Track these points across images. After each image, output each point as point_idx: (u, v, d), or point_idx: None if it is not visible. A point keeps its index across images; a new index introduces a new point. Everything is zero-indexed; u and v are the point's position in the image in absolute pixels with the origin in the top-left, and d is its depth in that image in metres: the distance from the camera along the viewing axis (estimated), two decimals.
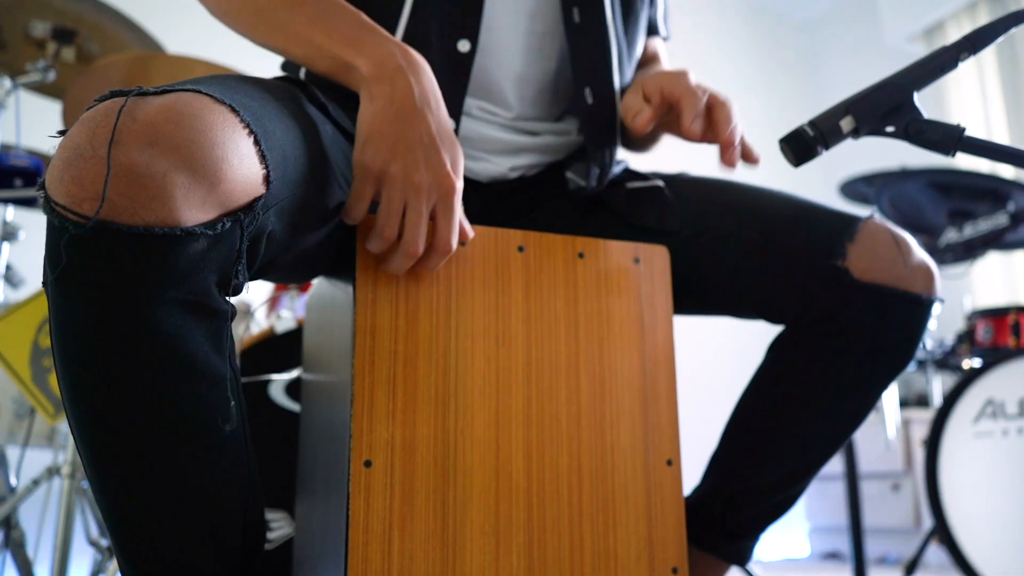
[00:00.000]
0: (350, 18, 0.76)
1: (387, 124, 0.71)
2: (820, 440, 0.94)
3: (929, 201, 2.15)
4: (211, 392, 0.60)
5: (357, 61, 0.73)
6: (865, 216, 0.91)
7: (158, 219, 0.53)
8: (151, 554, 0.63)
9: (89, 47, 1.85)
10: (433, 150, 0.71)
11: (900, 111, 0.81)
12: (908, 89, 0.81)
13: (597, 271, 0.86)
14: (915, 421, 3.13)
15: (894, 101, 0.81)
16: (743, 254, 0.90)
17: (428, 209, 0.71)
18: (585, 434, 0.81)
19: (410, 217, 0.70)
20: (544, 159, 1.00)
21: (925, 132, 0.80)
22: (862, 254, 0.87)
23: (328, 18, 0.75)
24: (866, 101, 0.81)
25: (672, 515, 0.83)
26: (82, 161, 0.52)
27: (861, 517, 2.12)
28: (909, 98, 0.81)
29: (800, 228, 0.89)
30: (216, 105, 0.57)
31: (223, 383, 0.61)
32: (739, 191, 0.95)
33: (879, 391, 0.92)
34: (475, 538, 0.75)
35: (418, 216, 0.70)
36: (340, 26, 0.75)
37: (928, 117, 0.80)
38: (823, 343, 0.90)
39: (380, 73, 0.72)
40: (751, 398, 0.97)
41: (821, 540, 3.48)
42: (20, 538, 1.58)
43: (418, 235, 0.70)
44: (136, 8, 1.86)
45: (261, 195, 0.60)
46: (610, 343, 0.84)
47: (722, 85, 1.08)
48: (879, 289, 0.87)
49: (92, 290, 0.54)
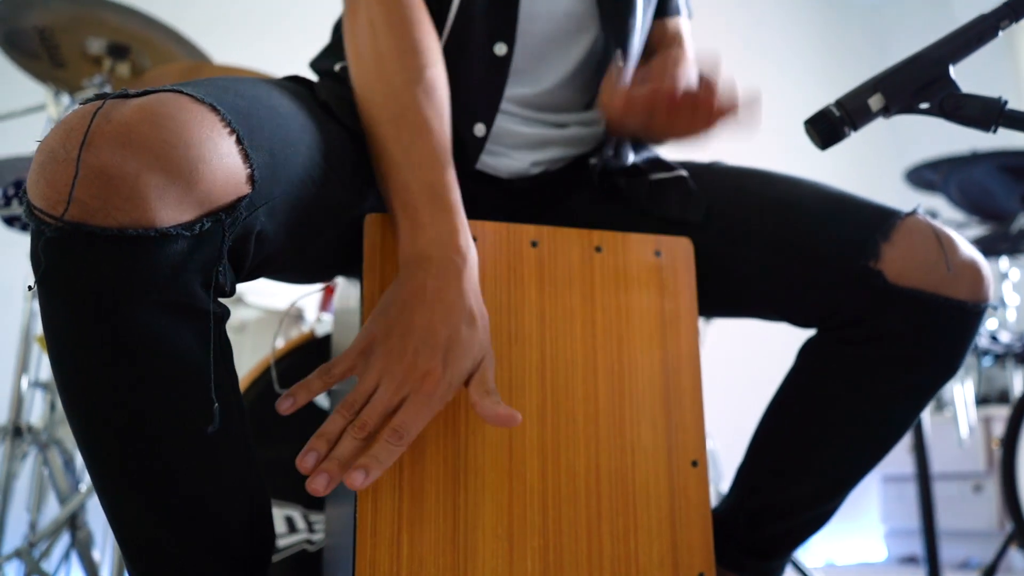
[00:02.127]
0: (428, 175, 0.72)
1: (392, 309, 0.68)
2: (853, 454, 0.86)
3: (1000, 186, 2.03)
4: (196, 395, 0.60)
5: (403, 235, 0.72)
6: (905, 211, 0.83)
7: (132, 220, 0.53)
8: (150, 557, 0.63)
9: (142, 61, 1.91)
10: (427, 344, 0.66)
11: (934, 86, 0.76)
12: (943, 62, 0.76)
13: (615, 265, 0.83)
14: (996, 419, 2.97)
15: (928, 76, 0.76)
16: (766, 252, 0.84)
17: (398, 399, 0.65)
18: (603, 434, 0.78)
19: (372, 400, 0.65)
20: (570, 152, 0.97)
21: (962, 107, 0.75)
22: (898, 255, 0.79)
23: (410, 163, 0.73)
24: (896, 77, 0.76)
25: (698, 518, 0.79)
26: (55, 164, 0.52)
27: (935, 519, 2.02)
28: (944, 72, 0.76)
29: (830, 224, 0.82)
30: (194, 104, 0.57)
31: (208, 386, 0.60)
32: (770, 182, 0.89)
33: (919, 404, 0.84)
34: (487, 541, 0.73)
35: (379, 401, 0.65)
36: (413, 181, 0.72)
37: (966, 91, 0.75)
38: (854, 350, 0.83)
39: (408, 261, 0.70)
40: (777, 406, 0.91)
41: (898, 544, 3.33)
42: (87, 539, 1.63)
43: (372, 419, 0.64)
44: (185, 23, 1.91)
45: (245, 195, 0.59)
46: (630, 340, 0.81)
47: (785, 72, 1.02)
48: (917, 295, 0.78)
49: (71, 292, 0.54)
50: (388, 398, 0.65)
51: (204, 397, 0.60)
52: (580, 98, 0.97)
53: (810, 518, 0.90)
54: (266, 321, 1.90)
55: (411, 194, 0.72)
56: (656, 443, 0.80)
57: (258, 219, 0.62)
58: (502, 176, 0.93)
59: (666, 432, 0.80)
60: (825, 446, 0.86)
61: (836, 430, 0.86)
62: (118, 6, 1.79)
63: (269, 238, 0.65)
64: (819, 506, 0.89)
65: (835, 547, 3.35)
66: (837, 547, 3.36)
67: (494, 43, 0.87)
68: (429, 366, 0.65)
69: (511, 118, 0.92)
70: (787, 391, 0.90)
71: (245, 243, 0.62)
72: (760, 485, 0.90)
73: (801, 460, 0.88)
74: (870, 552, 3.45)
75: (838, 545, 3.36)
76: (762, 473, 0.91)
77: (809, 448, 0.87)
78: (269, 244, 0.66)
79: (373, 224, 0.76)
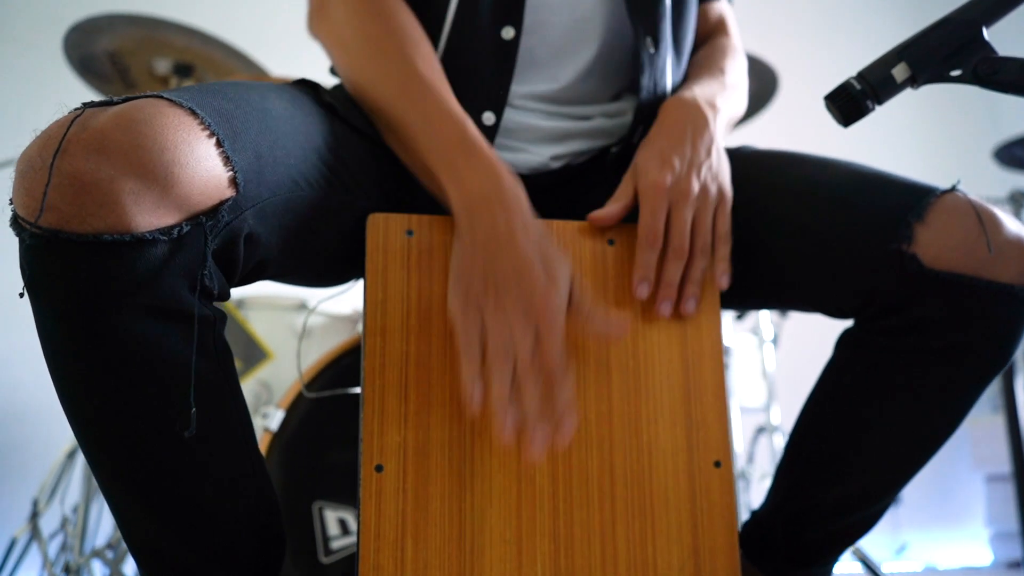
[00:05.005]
0: (453, 130, 0.74)
1: (475, 262, 0.69)
2: (897, 452, 0.79)
3: None
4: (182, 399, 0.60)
5: (449, 188, 0.73)
6: (943, 188, 0.76)
7: (107, 226, 0.54)
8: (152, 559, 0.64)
9: (205, 78, 1.98)
10: (526, 275, 0.68)
11: (967, 51, 0.70)
12: (976, 24, 0.70)
13: (629, 258, 0.79)
14: None
15: (959, 40, 0.70)
16: (793, 239, 0.79)
17: (532, 333, 0.67)
18: (617, 434, 0.75)
19: (518, 345, 0.66)
20: (594, 144, 0.94)
21: (999, 72, 0.68)
22: (934, 236, 0.72)
23: (432, 127, 0.75)
24: (922, 44, 0.70)
25: (722, 522, 0.75)
26: (32, 172, 0.54)
27: None
28: (978, 34, 0.69)
29: (859, 206, 0.76)
30: (171, 109, 0.57)
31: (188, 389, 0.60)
32: (798, 165, 0.84)
33: (968, 397, 0.76)
34: (494, 546, 0.71)
35: (523, 348, 0.66)
36: (441, 141, 0.74)
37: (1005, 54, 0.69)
38: (892, 341, 0.77)
39: (468, 208, 0.71)
40: (815, 402, 0.85)
41: (1005, 547, 3.12)
42: None
43: (528, 362, 0.66)
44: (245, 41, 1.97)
45: (228, 197, 0.60)
46: (645, 335, 0.78)
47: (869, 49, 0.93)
48: (956, 279, 0.72)
49: (53, 298, 0.56)
50: (528, 340, 0.66)
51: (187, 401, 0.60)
52: (605, 89, 0.94)
53: (853, 522, 0.83)
54: (331, 326, 1.94)
55: (443, 151, 0.73)
56: (675, 442, 0.76)
57: (246, 222, 0.62)
58: (521, 172, 0.91)
59: (686, 431, 0.77)
60: (866, 444, 0.80)
61: (877, 427, 0.79)
62: (181, 27, 1.86)
63: (262, 241, 0.65)
64: (862, 509, 0.82)
65: (937, 551, 3.17)
66: (939, 551, 3.17)
67: (501, 27, 0.85)
68: (540, 292, 0.67)
69: (530, 113, 0.90)
70: (824, 386, 0.84)
71: (234, 246, 0.62)
72: (798, 486, 0.85)
73: (841, 459, 0.82)
74: (975, 556, 3.24)
75: (940, 549, 3.17)
76: (800, 473, 0.85)
77: (849, 446, 0.81)
78: (263, 247, 0.66)
79: (376, 224, 0.76)
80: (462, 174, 0.72)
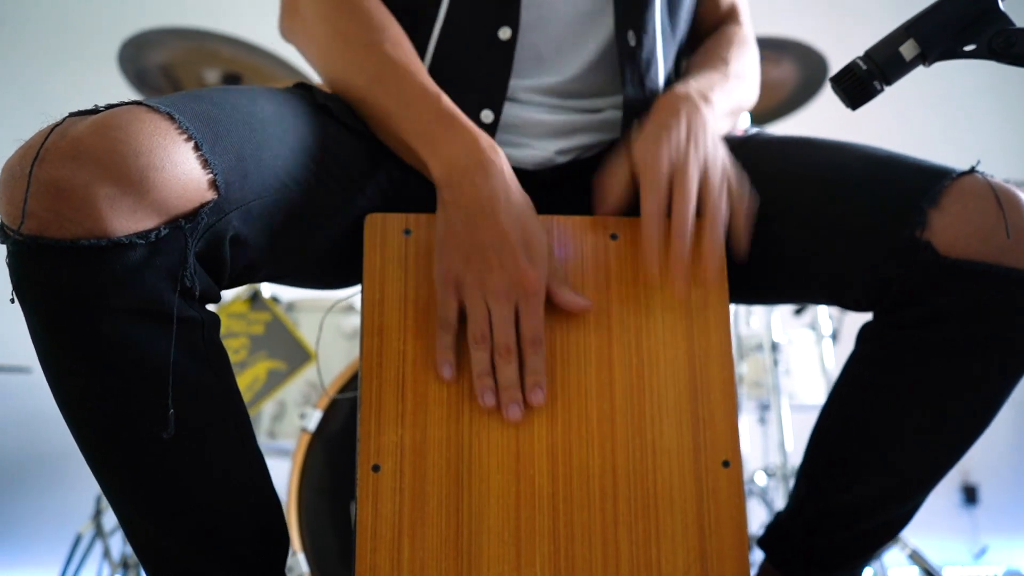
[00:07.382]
0: (428, 106, 0.76)
1: (456, 232, 0.71)
2: (923, 451, 0.75)
3: None
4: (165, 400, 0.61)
5: (430, 162, 0.74)
6: (960, 170, 0.71)
7: (84, 231, 0.55)
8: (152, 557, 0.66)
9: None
10: (506, 250, 0.70)
11: (981, 23, 0.65)
12: None
13: (633, 253, 0.77)
14: None
15: (972, 12, 0.66)
16: (804, 228, 0.76)
17: (512, 309, 0.71)
18: (620, 433, 0.73)
19: (495, 323, 0.71)
20: (605, 136, 0.92)
21: (1016, 44, 0.64)
22: (949, 222, 0.68)
23: (407, 106, 0.76)
24: (931, 19, 0.66)
25: (730, 524, 0.73)
26: (13, 181, 0.55)
27: None
28: (993, 5, 0.65)
29: (871, 193, 0.72)
30: (148, 114, 0.58)
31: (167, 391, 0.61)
32: (812, 151, 0.80)
33: (996, 393, 0.71)
34: (492, 546, 0.70)
35: (502, 321, 0.70)
36: (418, 118, 0.76)
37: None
38: (911, 334, 0.72)
39: (449, 177, 0.73)
40: (836, 398, 0.81)
41: None
42: None
43: (508, 338, 0.70)
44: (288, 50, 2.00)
45: (209, 200, 0.60)
46: (649, 332, 0.76)
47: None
48: (973, 267, 0.67)
49: (36, 303, 0.57)
50: (507, 314, 0.70)
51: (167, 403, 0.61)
52: (615, 80, 0.92)
53: (879, 525, 0.79)
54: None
55: (421, 126, 0.75)
56: (681, 442, 0.74)
57: (230, 224, 0.63)
58: (527, 168, 0.90)
59: (692, 430, 0.74)
60: (891, 442, 0.76)
61: (901, 424, 0.75)
62: (228, 39, 1.91)
63: (249, 243, 0.66)
64: (888, 510, 0.78)
65: (1020, 554, 3.01)
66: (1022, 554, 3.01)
67: (498, 27, 0.83)
68: (520, 269, 0.70)
69: (535, 108, 0.89)
70: (845, 381, 0.80)
71: (218, 248, 0.63)
72: (818, 486, 0.81)
73: (864, 457, 0.78)
74: None
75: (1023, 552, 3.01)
76: (820, 473, 0.81)
77: (873, 444, 0.77)
78: (251, 248, 0.67)
79: (373, 224, 0.76)
80: (440, 145, 0.74)
